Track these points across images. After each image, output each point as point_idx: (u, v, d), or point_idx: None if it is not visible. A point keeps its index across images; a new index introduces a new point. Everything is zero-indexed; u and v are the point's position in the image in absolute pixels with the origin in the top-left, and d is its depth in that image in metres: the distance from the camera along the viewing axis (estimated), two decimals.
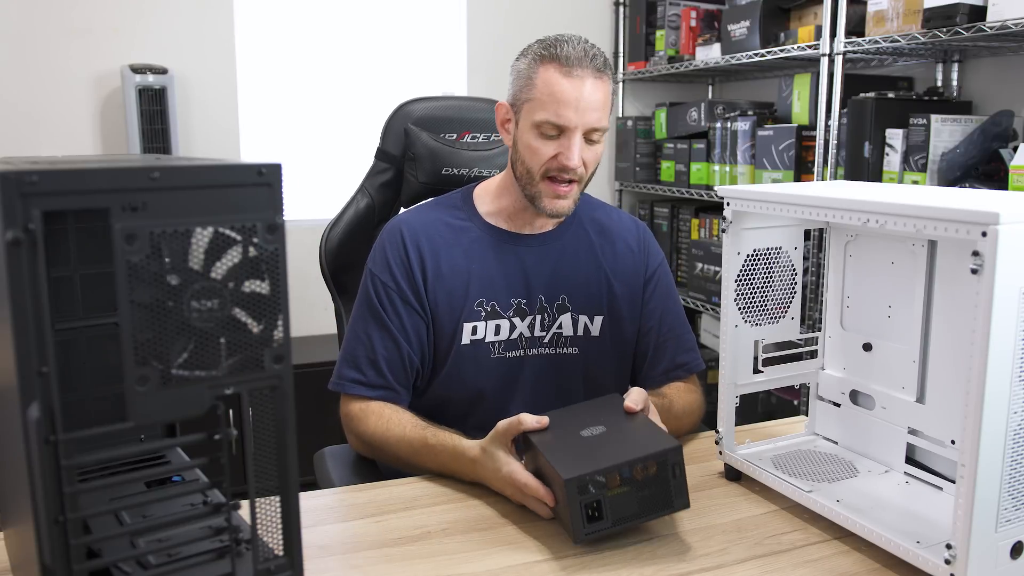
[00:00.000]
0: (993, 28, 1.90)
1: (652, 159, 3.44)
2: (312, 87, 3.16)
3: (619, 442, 1.05)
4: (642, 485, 1.00)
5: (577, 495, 0.98)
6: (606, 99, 1.30)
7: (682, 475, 1.01)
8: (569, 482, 0.98)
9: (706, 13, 3.17)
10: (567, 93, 1.25)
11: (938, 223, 0.87)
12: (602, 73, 1.29)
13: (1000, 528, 0.87)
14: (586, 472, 0.98)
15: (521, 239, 1.39)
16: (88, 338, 0.85)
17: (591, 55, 1.28)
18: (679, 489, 1.02)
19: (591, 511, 0.99)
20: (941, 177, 2.13)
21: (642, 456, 1.00)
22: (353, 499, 1.18)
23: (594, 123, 1.28)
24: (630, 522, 1.01)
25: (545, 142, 1.29)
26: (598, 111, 1.28)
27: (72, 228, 0.83)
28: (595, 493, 0.99)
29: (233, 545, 0.72)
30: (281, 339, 0.69)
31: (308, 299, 2.41)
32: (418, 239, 1.36)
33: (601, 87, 1.28)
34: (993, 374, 0.83)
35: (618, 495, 0.99)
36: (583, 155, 1.29)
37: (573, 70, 1.26)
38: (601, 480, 0.99)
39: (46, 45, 2.78)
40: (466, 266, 1.36)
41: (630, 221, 1.50)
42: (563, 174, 1.29)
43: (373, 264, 1.38)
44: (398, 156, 1.63)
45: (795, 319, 1.26)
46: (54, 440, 0.62)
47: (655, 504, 1.01)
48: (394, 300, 1.34)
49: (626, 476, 1.00)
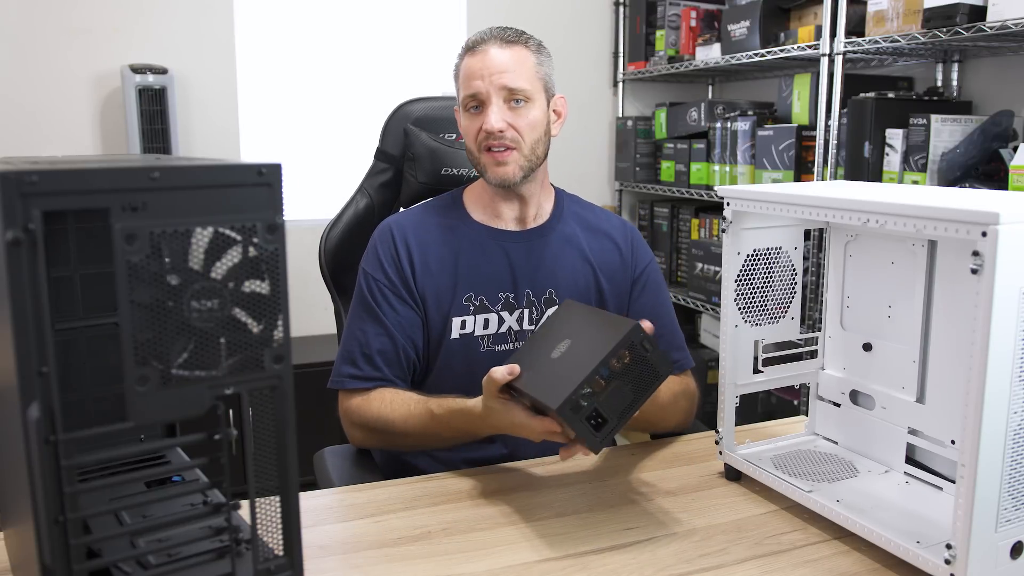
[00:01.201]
0: (993, 28, 1.90)
1: (652, 159, 3.44)
2: (312, 87, 3.16)
3: (586, 348, 1.07)
4: (625, 373, 1.03)
5: (573, 414, 1.01)
6: (518, 62, 1.34)
7: (654, 346, 1.04)
8: (560, 408, 1.00)
9: (706, 13, 3.17)
10: (473, 66, 1.34)
11: (938, 223, 0.87)
12: (511, 42, 1.36)
13: (1000, 528, 0.87)
14: (570, 392, 1.00)
15: (507, 235, 1.41)
16: (88, 338, 0.85)
17: (497, 31, 1.37)
18: (659, 359, 1.04)
19: (593, 421, 1.02)
20: (941, 177, 2.13)
21: (610, 351, 1.02)
22: (353, 499, 1.18)
23: (506, 83, 1.32)
24: (633, 409, 1.04)
25: (472, 118, 1.36)
26: (508, 73, 1.32)
27: (72, 228, 0.83)
28: (588, 405, 1.01)
29: (233, 545, 0.72)
30: (281, 339, 0.69)
31: (308, 299, 2.41)
32: (407, 236, 1.40)
33: (508, 52, 1.34)
34: (993, 374, 0.83)
35: (609, 393, 1.02)
36: (510, 120, 1.33)
37: (477, 47, 1.35)
38: (587, 391, 1.01)
39: (46, 45, 2.78)
40: (453, 262, 1.38)
41: (617, 221, 1.52)
42: (491, 140, 1.33)
43: (366, 263, 1.41)
44: (397, 156, 1.63)
45: (795, 319, 1.26)
46: (54, 440, 0.62)
47: (645, 382, 1.04)
48: (387, 295, 1.36)
49: (606, 375, 1.02)
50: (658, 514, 1.12)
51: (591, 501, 1.16)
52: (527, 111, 1.34)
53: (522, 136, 1.34)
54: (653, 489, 1.20)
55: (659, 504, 1.15)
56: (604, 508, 1.14)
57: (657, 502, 1.16)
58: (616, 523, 1.09)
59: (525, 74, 1.34)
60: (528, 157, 1.35)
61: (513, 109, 1.33)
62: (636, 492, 1.19)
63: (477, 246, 1.40)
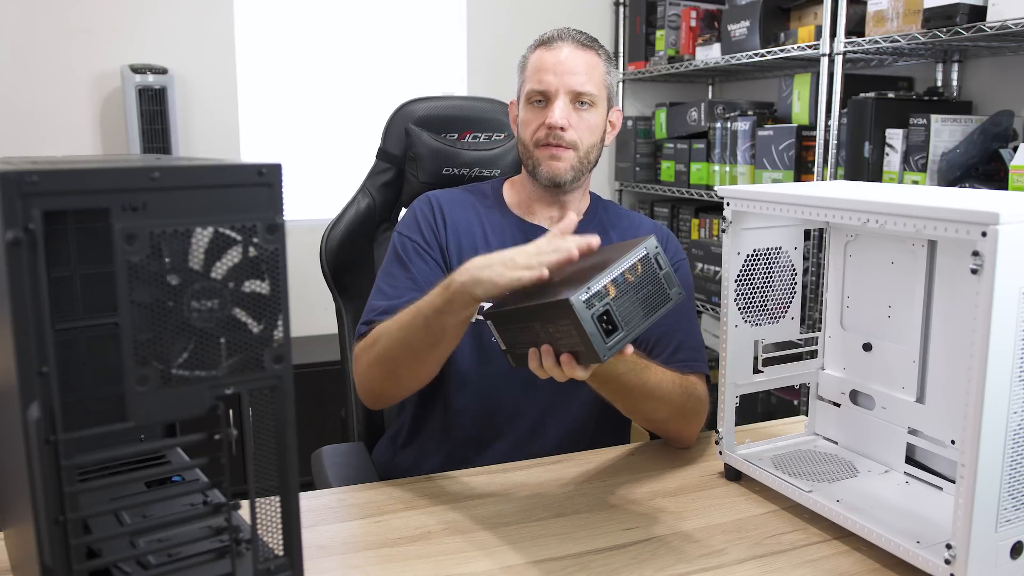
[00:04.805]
0: (993, 28, 1.90)
1: (652, 159, 3.44)
2: (312, 87, 3.16)
3: (598, 263, 1.04)
4: (637, 287, 1.00)
5: (586, 310, 0.97)
6: (590, 68, 1.35)
7: (667, 265, 1.02)
8: (575, 301, 0.95)
9: (706, 13, 3.17)
10: (546, 61, 1.34)
11: (938, 223, 0.87)
12: (586, 47, 1.36)
13: (1000, 528, 0.87)
14: (584, 287, 0.97)
15: (540, 231, 1.39)
16: (88, 338, 0.85)
17: (575, 32, 1.37)
18: (669, 280, 1.02)
19: (604, 324, 0.99)
20: (941, 177, 2.13)
21: (627, 261, 1.00)
22: (353, 499, 1.18)
23: (576, 86, 1.33)
24: (641, 325, 1.01)
25: (535, 112, 1.36)
26: (579, 75, 1.33)
27: (72, 228, 0.83)
28: (601, 305, 0.98)
29: (233, 545, 0.72)
30: (281, 339, 0.69)
31: (308, 299, 2.40)
32: (444, 209, 1.41)
33: (583, 56, 1.35)
34: (993, 374, 0.83)
35: (622, 301, 0.99)
36: (572, 121, 1.33)
37: (553, 43, 1.36)
38: (602, 290, 0.98)
39: (46, 45, 2.78)
40: (484, 248, 1.37)
41: (650, 224, 1.51)
42: (551, 137, 1.33)
43: (402, 227, 1.41)
44: (399, 156, 1.63)
45: (795, 319, 1.26)
46: (54, 440, 0.61)
47: (655, 301, 1.01)
48: (421, 253, 1.37)
49: (620, 282, 0.99)
50: (658, 514, 1.12)
51: (591, 501, 1.16)
52: (590, 115, 1.35)
53: (581, 138, 1.35)
54: (653, 489, 1.20)
55: (659, 504, 1.15)
56: (604, 508, 1.14)
57: (657, 502, 1.16)
58: (616, 523, 1.09)
59: (595, 80, 1.35)
60: (582, 160, 1.36)
61: (577, 111, 1.34)
62: (636, 492, 1.19)
63: (508, 237, 1.39)
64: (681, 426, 1.32)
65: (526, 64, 1.39)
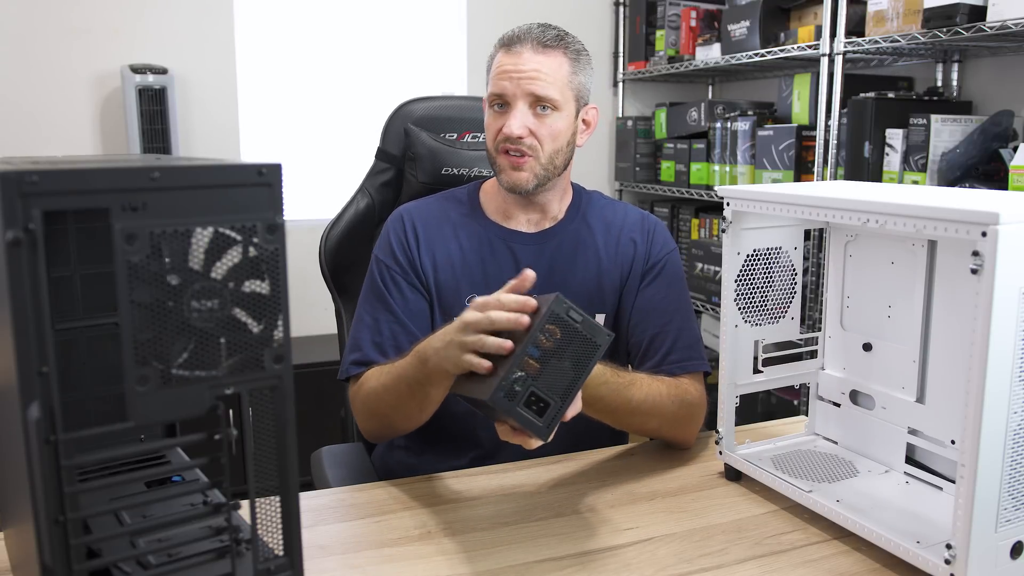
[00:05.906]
0: (993, 28, 1.90)
1: (652, 159, 3.44)
2: (312, 87, 3.16)
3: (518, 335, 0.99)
4: (558, 349, 0.95)
5: (509, 403, 0.93)
6: (552, 70, 1.29)
7: (582, 314, 0.96)
8: (492, 398, 0.93)
9: (706, 13, 3.17)
10: (505, 65, 1.30)
11: (938, 223, 0.87)
12: (548, 47, 1.30)
13: (1000, 528, 0.87)
14: (500, 379, 0.94)
15: (518, 236, 1.39)
16: (88, 338, 0.85)
17: (537, 31, 1.32)
18: (590, 328, 0.96)
19: (534, 406, 0.95)
20: (941, 177, 2.13)
21: (534, 328, 0.95)
22: (353, 499, 1.18)
23: (535, 91, 1.28)
24: (576, 386, 0.96)
25: (495, 117, 1.32)
26: (539, 80, 1.28)
27: (72, 228, 0.83)
28: (522, 389, 0.94)
29: (233, 545, 0.72)
30: (281, 339, 0.69)
31: (308, 299, 2.41)
32: (417, 225, 1.39)
33: (543, 58, 1.29)
34: (993, 374, 0.83)
35: (547, 372, 0.95)
36: (532, 127, 1.29)
37: (513, 46, 1.31)
38: (519, 375, 0.94)
39: (46, 45, 2.78)
40: (461, 260, 1.37)
41: (637, 214, 1.46)
42: (508, 143, 1.30)
43: (378, 250, 1.40)
44: (398, 156, 1.63)
45: (795, 319, 1.26)
46: (54, 440, 0.61)
47: (583, 355, 0.96)
48: (398, 281, 1.35)
49: (537, 355, 0.95)
50: (658, 514, 1.12)
51: (591, 501, 1.16)
52: (552, 120, 1.30)
53: (541, 145, 1.30)
54: (653, 489, 1.20)
55: (659, 504, 1.15)
56: (604, 508, 1.14)
57: (657, 502, 1.16)
58: (616, 523, 1.09)
59: (556, 83, 1.29)
60: (545, 167, 1.32)
61: (538, 116, 1.30)
62: (636, 492, 1.19)
63: (486, 245, 1.38)
64: (676, 433, 1.32)
65: (490, 65, 1.35)
